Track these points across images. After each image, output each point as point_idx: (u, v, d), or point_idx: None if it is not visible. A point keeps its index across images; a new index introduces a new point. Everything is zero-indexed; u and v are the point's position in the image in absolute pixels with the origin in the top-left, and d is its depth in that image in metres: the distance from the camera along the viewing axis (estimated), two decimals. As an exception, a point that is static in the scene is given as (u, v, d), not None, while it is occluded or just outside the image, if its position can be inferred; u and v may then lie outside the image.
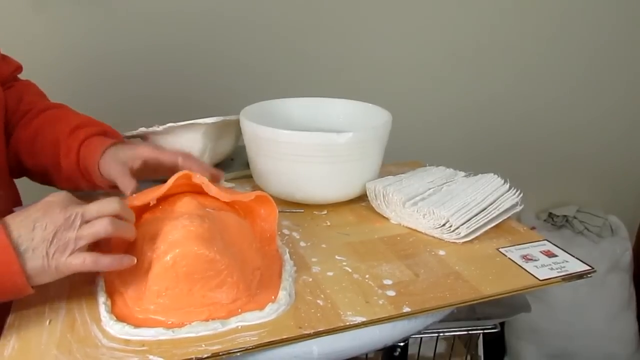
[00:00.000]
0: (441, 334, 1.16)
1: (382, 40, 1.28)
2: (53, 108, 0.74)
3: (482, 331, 1.20)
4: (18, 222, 0.49)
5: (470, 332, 1.19)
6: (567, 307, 1.46)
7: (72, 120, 0.71)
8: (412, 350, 1.13)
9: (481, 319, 1.17)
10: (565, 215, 1.55)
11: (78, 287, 0.58)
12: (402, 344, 0.83)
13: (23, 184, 0.76)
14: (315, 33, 1.23)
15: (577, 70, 1.45)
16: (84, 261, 0.50)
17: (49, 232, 0.48)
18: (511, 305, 1.21)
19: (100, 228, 0.51)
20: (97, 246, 0.54)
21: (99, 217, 0.51)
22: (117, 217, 0.53)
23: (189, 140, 0.82)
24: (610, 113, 1.53)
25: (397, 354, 0.77)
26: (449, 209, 0.70)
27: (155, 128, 0.80)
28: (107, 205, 0.52)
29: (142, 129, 0.81)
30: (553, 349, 1.48)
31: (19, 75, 0.80)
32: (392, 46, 1.30)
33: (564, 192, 1.60)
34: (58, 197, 0.51)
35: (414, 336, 1.00)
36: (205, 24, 1.16)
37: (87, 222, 0.51)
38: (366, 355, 1.01)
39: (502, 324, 1.28)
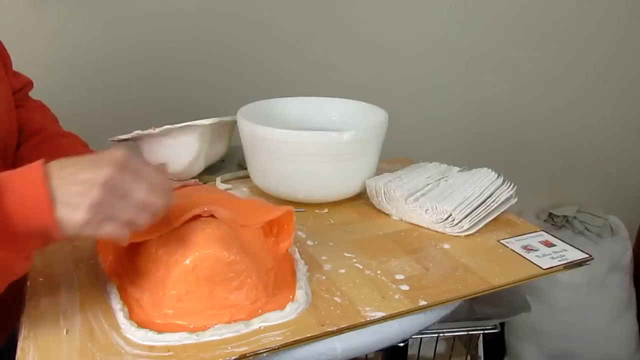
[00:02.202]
0: (441, 334, 1.16)
1: (379, 39, 1.29)
2: (63, 137, 0.72)
3: (482, 331, 1.20)
4: (62, 184, 0.45)
5: (470, 332, 1.19)
6: (567, 308, 1.46)
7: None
8: (412, 350, 1.13)
9: (481, 319, 1.18)
10: (565, 216, 1.56)
11: (89, 295, 0.57)
12: (402, 344, 0.84)
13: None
14: (312, 33, 1.23)
15: (578, 71, 1.47)
16: (117, 235, 0.48)
17: (89, 187, 0.45)
18: (511, 305, 1.22)
19: (138, 224, 0.48)
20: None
21: (144, 207, 0.48)
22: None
23: (185, 142, 0.81)
24: (611, 113, 1.56)
25: (403, 347, 0.78)
26: (450, 203, 0.71)
27: (151, 130, 0.79)
28: (156, 197, 0.49)
29: (137, 132, 0.80)
30: (553, 349, 1.49)
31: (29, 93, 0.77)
32: (389, 46, 1.30)
33: (564, 192, 1.61)
34: (114, 154, 0.47)
35: (414, 336, 1.01)
36: (202, 24, 1.14)
37: (130, 199, 0.48)
38: (366, 355, 1.02)
39: (502, 324, 1.28)
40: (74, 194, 0.45)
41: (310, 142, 0.73)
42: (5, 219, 0.44)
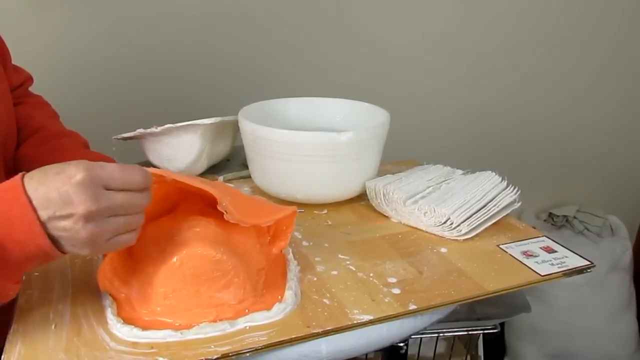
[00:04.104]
0: (441, 334, 1.15)
1: (381, 40, 1.28)
2: (64, 136, 0.72)
3: (482, 331, 1.19)
4: (39, 204, 0.44)
5: (470, 332, 1.18)
6: (567, 307, 1.46)
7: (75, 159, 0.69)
8: (412, 350, 1.12)
9: (481, 319, 1.17)
10: (565, 215, 1.55)
11: (81, 291, 0.57)
12: (402, 344, 0.83)
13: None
14: (314, 33, 1.23)
15: (577, 71, 1.46)
16: (129, 242, 0.49)
17: (70, 226, 0.44)
18: (511, 305, 1.21)
19: (136, 225, 0.49)
20: None
21: (130, 209, 0.47)
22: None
23: (187, 141, 0.82)
24: (611, 114, 1.54)
25: (403, 351, 0.77)
26: (449, 206, 0.70)
27: (154, 129, 0.80)
28: (137, 198, 0.48)
29: (140, 131, 0.81)
30: (553, 349, 1.48)
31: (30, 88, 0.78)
32: (391, 46, 1.30)
33: (564, 192, 1.60)
34: (76, 179, 0.44)
35: (413, 336, 1.00)
36: (203, 24, 1.15)
37: (115, 212, 0.47)
38: (366, 355, 1.01)
39: (502, 324, 1.27)
40: (62, 230, 0.44)
41: (309, 143, 0.73)
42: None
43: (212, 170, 0.91)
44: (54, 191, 0.44)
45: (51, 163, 0.68)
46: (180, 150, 0.82)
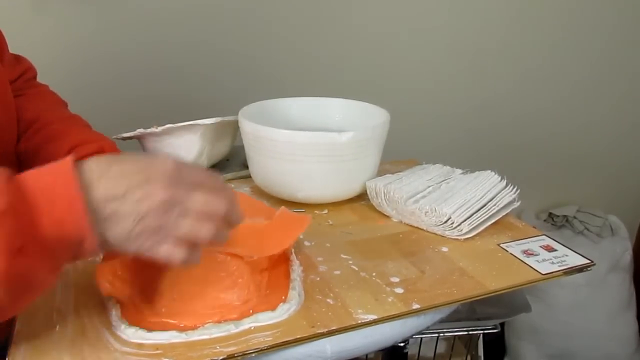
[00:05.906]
0: (441, 334, 1.16)
1: (381, 39, 1.29)
2: (57, 122, 0.69)
3: (482, 331, 1.20)
4: (107, 183, 0.41)
5: (470, 332, 1.19)
6: (567, 307, 1.46)
7: (71, 139, 0.66)
8: (412, 350, 1.13)
9: (481, 319, 1.17)
10: (565, 215, 1.56)
11: (84, 292, 0.57)
12: (402, 344, 0.83)
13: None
14: (314, 33, 1.23)
15: (577, 70, 1.47)
16: (172, 255, 0.45)
17: (141, 209, 0.42)
18: (511, 305, 1.21)
19: (200, 236, 0.45)
20: None
21: (204, 217, 0.45)
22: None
23: (187, 141, 0.82)
24: (611, 113, 1.55)
25: (406, 351, 0.78)
26: (450, 206, 0.71)
27: (154, 129, 0.80)
28: (217, 203, 0.45)
29: (140, 130, 0.81)
30: (553, 349, 1.49)
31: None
32: (390, 46, 1.30)
33: (564, 192, 1.61)
34: (165, 167, 0.43)
35: (414, 336, 1.00)
36: (204, 23, 1.15)
37: (187, 214, 0.44)
38: (366, 355, 1.02)
39: (502, 324, 1.27)
40: (117, 211, 0.42)
41: (309, 143, 0.73)
42: (32, 219, 0.39)
43: (212, 170, 0.91)
44: (131, 169, 0.42)
45: (49, 149, 0.66)
46: (180, 150, 0.82)
